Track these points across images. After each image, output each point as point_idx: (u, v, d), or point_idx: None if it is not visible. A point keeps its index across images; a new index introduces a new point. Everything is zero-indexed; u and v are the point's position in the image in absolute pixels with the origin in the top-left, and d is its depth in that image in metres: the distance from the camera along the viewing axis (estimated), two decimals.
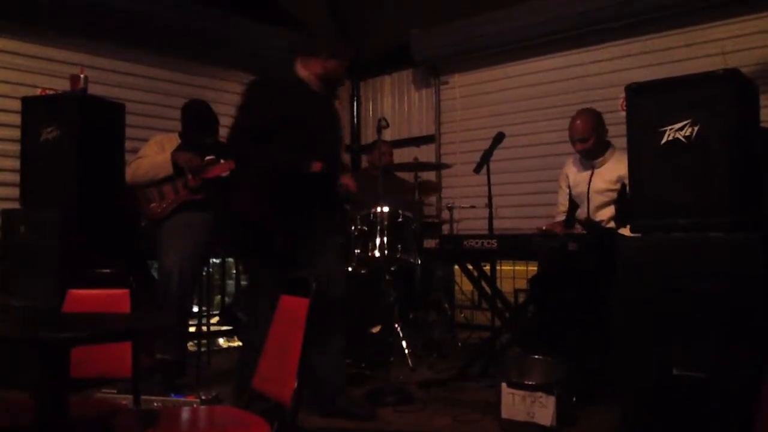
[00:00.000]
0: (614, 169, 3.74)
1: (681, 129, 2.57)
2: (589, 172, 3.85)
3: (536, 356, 3.16)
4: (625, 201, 3.64)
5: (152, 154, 4.04)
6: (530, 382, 2.97)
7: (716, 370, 2.40)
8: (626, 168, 3.44)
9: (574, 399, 3.08)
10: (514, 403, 2.98)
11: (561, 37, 5.18)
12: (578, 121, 3.81)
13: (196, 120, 4.21)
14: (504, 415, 3.01)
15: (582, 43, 5.16)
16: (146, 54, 5.08)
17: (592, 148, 3.79)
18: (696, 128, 2.54)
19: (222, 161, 4.01)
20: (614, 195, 3.75)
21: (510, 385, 3.00)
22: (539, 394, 2.92)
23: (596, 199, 3.80)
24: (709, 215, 2.51)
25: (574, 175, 3.96)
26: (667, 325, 2.52)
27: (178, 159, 3.94)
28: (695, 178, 2.54)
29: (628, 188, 3.48)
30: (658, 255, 2.60)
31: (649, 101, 2.69)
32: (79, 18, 4.58)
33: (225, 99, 5.40)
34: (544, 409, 2.90)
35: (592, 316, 3.33)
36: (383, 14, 5.90)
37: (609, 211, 3.77)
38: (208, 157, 4.00)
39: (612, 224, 3.72)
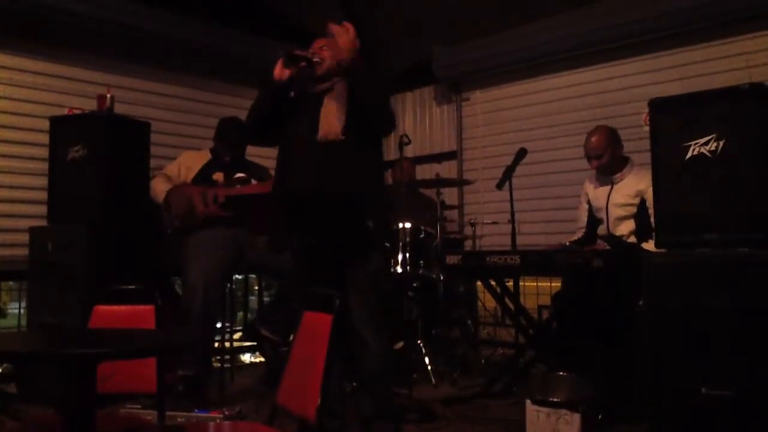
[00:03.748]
0: (633, 183, 3.75)
1: (706, 144, 2.55)
2: (608, 188, 3.85)
3: (561, 373, 3.12)
4: (645, 216, 3.63)
5: (172, 174, 4.08)
6: (555, 399, 2.94)
7: (745, 388, 2.37)
8: (645, 183, 3.47)
9: (600, 417, 3.04)
10: (539, 420, 2.95)
11: (583, 52, 5.16)
12: (592, 138, 3.85)
13: (227, 137, 4.22)
14: None
15: (605, 59, 5.13)
16: (171, 74, 5.16)
17: (607, 164, 3.82)
18: (721, 143, 2.52)
19: (254, 181, 4.03)
20: (633, 209, 3.74)
21: (535, 402, 2.97)
22: (564, 411, 2.88)
23: (615, 214, 3.79)
24: (735, 231, 2.48)
25: (593, 191, 3.97)
26: (695, 342, 2.49)
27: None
28: (721, 194, 2.52)
29: (648, 203, 3.49)
30: (684, 271, 2.57)
31: (673, 116, 2.67)
32: (105, 39, 4.67)
33: None
34: (569, 426, 2.87)
35: (618, 332, 3.30)
36: (404, 31, 5.92)
37: (628, 226, 3.75)
38: (238, 175, 4.02)
39: (632, 239, 3.70)
